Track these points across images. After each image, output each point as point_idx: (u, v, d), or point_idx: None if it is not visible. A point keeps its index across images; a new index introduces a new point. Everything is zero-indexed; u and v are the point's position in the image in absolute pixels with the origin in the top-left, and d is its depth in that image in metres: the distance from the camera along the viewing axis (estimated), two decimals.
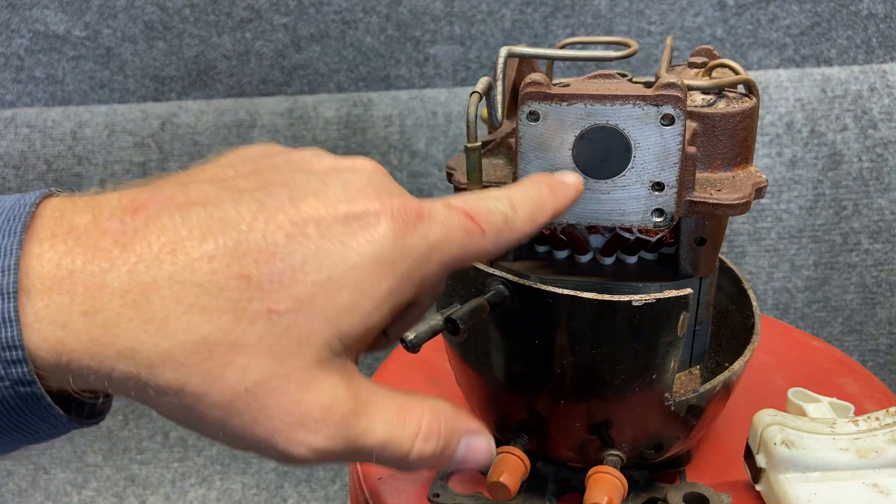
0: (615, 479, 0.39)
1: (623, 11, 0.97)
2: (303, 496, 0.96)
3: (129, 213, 0.26)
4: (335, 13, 0.95)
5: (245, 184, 0.28)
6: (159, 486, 0.96)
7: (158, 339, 0.25)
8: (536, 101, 0.39)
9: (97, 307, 0.25)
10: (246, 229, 0.26)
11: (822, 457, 0.39)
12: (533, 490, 0.45)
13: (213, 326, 0.25)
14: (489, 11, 0.96)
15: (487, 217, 0.31)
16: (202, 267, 0.25)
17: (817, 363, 0.57)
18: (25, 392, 0.24)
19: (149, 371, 0.25)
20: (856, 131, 0.90)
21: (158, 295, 0.25)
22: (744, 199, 0.39)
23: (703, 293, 0.44)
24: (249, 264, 0.26)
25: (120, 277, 0.25)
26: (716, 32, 0.98)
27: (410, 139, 0.89)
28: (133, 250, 0.25)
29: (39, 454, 0.96)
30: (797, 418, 0.42)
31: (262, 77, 0.97)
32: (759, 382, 0.54)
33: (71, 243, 0.25)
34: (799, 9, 0.98)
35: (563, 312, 0.38)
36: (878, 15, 0.98)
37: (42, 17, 0.94)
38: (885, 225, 0.92)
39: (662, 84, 0.37)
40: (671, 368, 0.39)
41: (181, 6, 0.94)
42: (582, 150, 0.39)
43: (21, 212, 0.26)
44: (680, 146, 0.37)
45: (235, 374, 0.26)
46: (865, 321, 0.95)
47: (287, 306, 0.26)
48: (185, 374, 0.26)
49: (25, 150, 0.92)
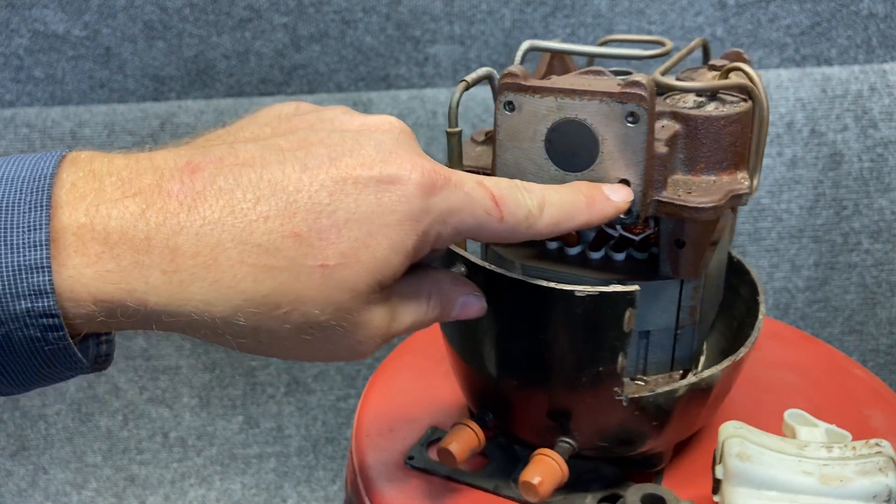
0: (555, 463, 0.40)
1: (623, 11, 0.97)
2: (303, 496, 0.96)
3: (188, 174, 0.29)
4: (335, 13, 0.95)
5: (285, 143, 0.31)
6: (159, 487, 0.96)
7: (230, 295, 0.29)
8: (512, 92, 0.40)
9: (174, 267, 0.28)
10: (293, 190, 0.29)
11: (780, 476, 0.38)
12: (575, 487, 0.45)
13: (276, 283, 0.29)
14: (489, 11, 0.96)
15: (512, 207, 0.34)
16: (259, 227, 0.29)
17: (848, 390, 0.54)
18: (65, 345, 0.28)
19: (224, 321, 0.29)
20: (856, 131, 0.90)
21: (225, 256, 0.28)
22: (710, 203, 0.38)
23: (684, 297, 0.43)
24: (300, 223, 0.29)
25: (190, 239, 0.28)
26: (716, 32, 0.98)
27: None
28: (198, 212, 0.28)
29: (39, 454, 0.95)
30: (764, 434, 0.40)
31: (262, 77, 0.97)
32: (777, 403, 0.51)
33: (143, 205, 0.28)
34: (799, 8, 0.98)
35: (512, 296, 0.40)
36: (879, 15, 0.98)
37: (41, 17, 0.94)
38: (885, 225, 0.92)
39: (628, 82, 0.37)
40: (619, 363, 0.39)
41: (181, 6, 0.94)
42: (554, 141, 0.40)
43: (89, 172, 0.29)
44: (644, 144, 0.38)
45: (301, 317, 0.30)
46: (866, 321, 0.95)
47: (336, 261, 0.30)
48: (257, 321, 0.30)
49: (25, 149, 0.92)
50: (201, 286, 0.28)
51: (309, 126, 0.33)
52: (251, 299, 0.29)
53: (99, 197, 0.28)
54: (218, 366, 0.94)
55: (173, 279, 0.28)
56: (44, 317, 0.27)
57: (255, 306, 0.29)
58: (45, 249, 0.26)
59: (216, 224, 0.28)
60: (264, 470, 0.97)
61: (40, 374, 0.29)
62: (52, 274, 0.27)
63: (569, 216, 0.36)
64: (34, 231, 0.27)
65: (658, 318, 0.43)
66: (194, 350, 0.93)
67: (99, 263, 0.27)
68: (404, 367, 0.59)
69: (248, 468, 0.97)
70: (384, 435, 0.51)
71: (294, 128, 0.33)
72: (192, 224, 0.28)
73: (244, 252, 0.29)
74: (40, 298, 0.27)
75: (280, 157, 0.30)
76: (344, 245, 0.30)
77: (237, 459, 0.97)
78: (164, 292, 0.28)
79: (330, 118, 0.34)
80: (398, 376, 0.58)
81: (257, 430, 0.96)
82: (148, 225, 0.28)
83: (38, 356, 0.28)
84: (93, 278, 0.27)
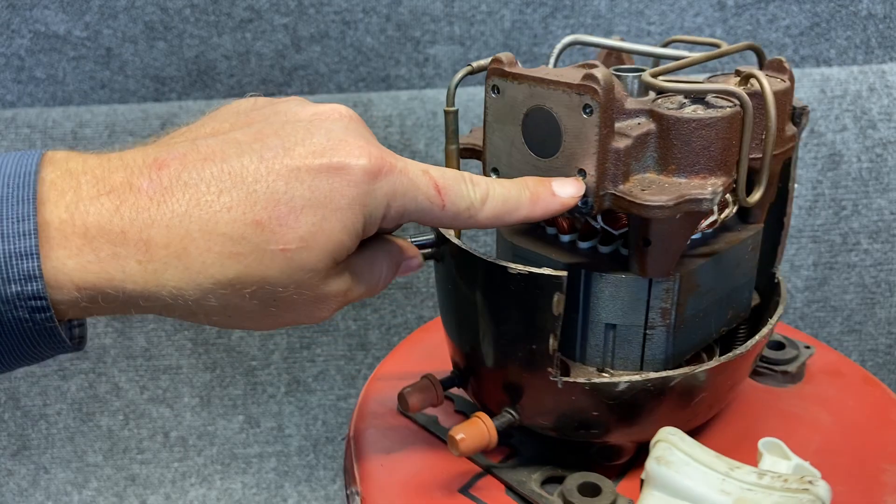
0: (485, 427, 0.43)
1: (623, 12, 0.97)
2: (303, 496, 0.96)
3: (155, 170, 0.32)
4: (335, 13, 0.95)
5: (243, 136, 0.34)
6: (159, 486, 0.96)
7: (200, 280, 0.32)
8: (497, 77, 0.43)
9: (148, 258, 0.31)
10: (252, 180, 0.32)
11: (696, 489, 0.37)
12: None
13: (241, 267, 0.32)
14: (489, 12, 0.96)
15: (454, 198, 0.37)
16: (223, 217, 0.32)
17: (879, 438, 0.51)
18: (50, 326, 0.31)
19: (196, 302, 0.32)
20: (855, 131, 0.91)
21: (194, 245, 0.31)
22: (657, 202, 0.38)
23: (654, 297, 0.43)
24: (260, 211, 0.32)
25: (161, 231, 0.31)
26: (715, 33, 0.99)
27: (410, 139, 0.90)
28: (167, 206, 0.31)
29: (40, 454, 0.96)
30: (699, 446, 0.39)
31: (263, 77, 0.98)
32: (791, 434, 0.49)
33: (116, 202, 0.31)
34: (798, 9, 0.98)
35: (465, 267, 0.43)
36: (878, 15, 0.98)
37: (43, 18, 0.94)
38: (884, 225, 0.92)
39: (585, 75, 0.39)
40: (550, 346, 0.41)
41: (181, 6, 0.94)
42: (528, 126, 0.42)
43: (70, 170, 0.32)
44: (597, 137, 0.39)
45: (266, 295, 0.33)
46: (865, 321, 0.95)
47: (296, 245, 0.33)
48: (226, 301, 0.33)
49: (26, 150, 0.92)
50: (174, 273, 0.31)
51: (264, 119, 0.36)
52: (219, 283, 0.32)
53: (77, 194, 0.31)
54: (219, 365, 0.94)
55: (148, 268, 0.31)
56: (32, 299, 0.30)
57: (224, 288, 0.32)
58: (34, 238, 0.29)
59: (184, 216, 0.31)
60: (265, 469, 0.97)
61: (25, 354, 0.32)
62: (41, 260, 0.29)
63: (510, 211, 0.39)
64: (23, 222, 0.29)
65: (624, 314, 0.44)
66: (195, 350, 0.93)
67: (80, 256, 0.30)
68: (405, 366, 0.59)
69: (249, 468, 0.97)
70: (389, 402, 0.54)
71: (251, 121, 0.36)
72: (161, 217, 0.31)
73: (210, 241, 0.31)
74: (30, 283, 0.29)
75: (238, 150, 0.33)
76: (302, 229, 0.32)
77: (238, 459, 0.97)
78: (140, 280, 0.31)
79: (283, 110, 0.36)
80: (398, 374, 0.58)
81: (258, 430, 0.97)
82: (122, 220, 0.31)
83: (25, 336, 0.31)
84: (75, 269, 0.30)
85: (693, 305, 0.45)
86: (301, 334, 0.93)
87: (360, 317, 0.93)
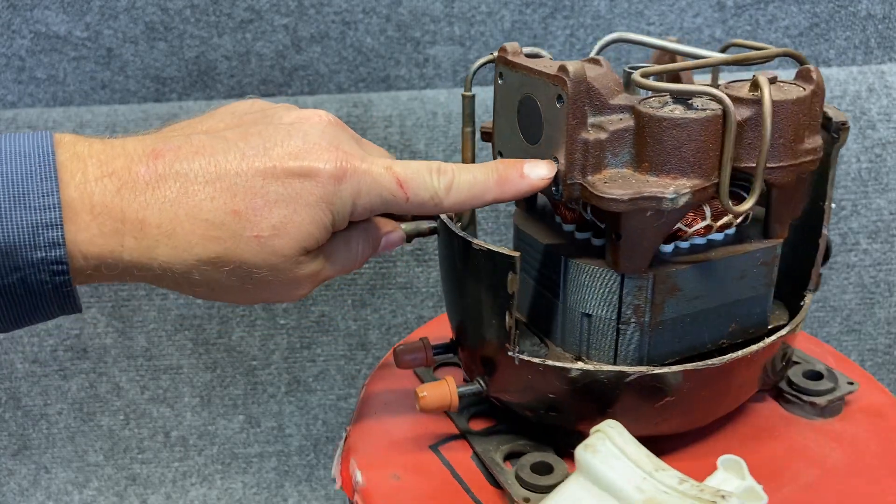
0: (448, 391, 0.46)
1: (622, 12, 0.97)
2: (303, 496, 0.96)
3: (152, 159, 0.36)
4: (335, 14, 0.95)
5: (231, 135, 0.38)
6: (160, 486, 0.97)
7: (186, 256, 0.37)
8: (502, 65, 0.46)
9: (142, 235, 0.36)
10: (234, 175, 0.37)
11: (617, 482, 0.38)
12: None
13: (221, 249, 0.37)
14: (489, 12, 0.96)
15: (417, 190, 0.40)
16: (206, 206, 0.36)
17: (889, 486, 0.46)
18: (66, 290, 0.36)
19: (181, 275, 0.37)
20: (854, 132, 0.91)
21: (181, 228, 0.36)
22: (613, 195, 0.39)
23: (626, 292, 0.43)
24: (239, 202, 0.37)
25: (154, 214, 0.36)
26: (715, 33, 0.99)
27: (410, 140, 0.90)
28: (160, 191, 0.36)
29: (40, 454, 0.96)
30: (635, 444, 0.39)
31: (263, 78, 0.98)
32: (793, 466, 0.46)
33: (118, 184, 0.36)
34: (798, 10, 0.98)
35: (446, 240, 0.47)
36: (877, 16, 0.98)
37: (43, 18, 0.94)
38: (883, 225, 0.92)
39: (558, 67, 0.40)
40: (507, 322, 0.43)
41: (182, 7, 0.94)
42: (521, 113, 0.44)
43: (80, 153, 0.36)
44: (565, 127, 0.40)
45: (243, 273, 0.38)
46: (864, 321, 0.95)
47: (269, 233, 0.37)
48: (209, 276, 0.38)
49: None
50: (164, 250, 0.36)
51: (253, 121, 0.40)
52: (202, 260, 0.37)
53: (84, 176, 0.35)
54: (219, 365, 0.94)
55: (142, 244, 0.36)
56: (54, 263, 0.35)
57: (206, 265, 0.37)
58: (58, 211, 0.34)
59: (174, 202, 0.36)
60: (265, 469, 0.97)
61: (36, 313, 0.37)
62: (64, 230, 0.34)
63: (476, 196, 0.42)
64: (48, 196, 0.34)
65: (596, 305, 0.45)
66: (195, 350, 0.94)
67: (87, 230, 0.35)
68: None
69: (249, 467, 0.97)
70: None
71: (242, 122, 0.40)
72: (155, 201, 0.36)
73: (195, 225, 0.36)
74: (54, 249, 0.35)
75: (225, 147, 0.37)
76: (275, 220, 0.37)
77: (238, 458, 0.97)
78: (135, 253, 0.36)
79: (272, 114, 0.41)
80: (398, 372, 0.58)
81: (258, 430, 0.97)
82: (123, 200, 0.36)
83: (43, 297, 0.36)
84: (83, 240, 0.35)
85: (673, 308, 0.44)
86: (301, 334, 0.93)
87: (360, 317, 0.93)
